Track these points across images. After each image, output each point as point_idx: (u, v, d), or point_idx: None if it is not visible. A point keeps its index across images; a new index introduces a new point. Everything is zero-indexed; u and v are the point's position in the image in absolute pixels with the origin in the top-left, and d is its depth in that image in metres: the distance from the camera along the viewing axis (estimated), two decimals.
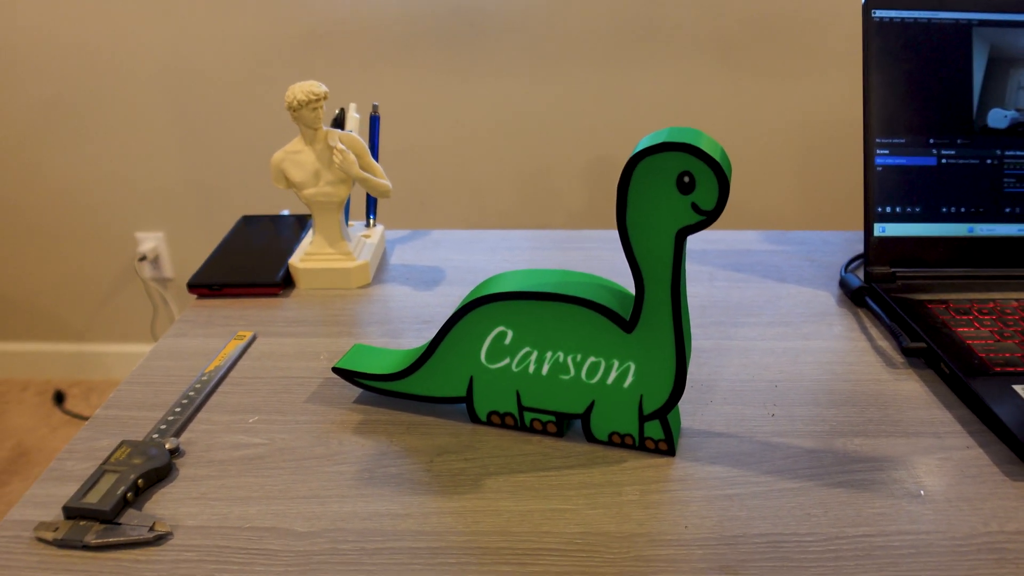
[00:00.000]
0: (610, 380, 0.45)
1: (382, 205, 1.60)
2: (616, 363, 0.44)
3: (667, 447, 0.46)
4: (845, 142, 1.51)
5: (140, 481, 0.43)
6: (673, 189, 0.39)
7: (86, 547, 0.40)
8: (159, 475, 0.44)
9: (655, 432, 0.45)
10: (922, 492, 0.44)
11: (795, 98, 1.47)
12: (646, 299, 0.42)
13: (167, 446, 0.46)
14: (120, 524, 0.40)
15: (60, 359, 1.90)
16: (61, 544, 0.40)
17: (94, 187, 1.68)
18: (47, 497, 0.43)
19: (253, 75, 1.53)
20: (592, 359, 0.44)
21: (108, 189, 1.68)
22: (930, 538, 0.40)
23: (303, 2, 1.45)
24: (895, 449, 0.47)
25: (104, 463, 0.44)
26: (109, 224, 1.72)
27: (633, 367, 0.44)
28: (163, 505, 0.42)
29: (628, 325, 0.43)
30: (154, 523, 0.40)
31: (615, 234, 0.79)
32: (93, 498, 0.41)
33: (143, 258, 1.72)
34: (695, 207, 0.39)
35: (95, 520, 0.41)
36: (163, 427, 0.48)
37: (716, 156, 0.38)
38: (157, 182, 1.66)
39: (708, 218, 0.39)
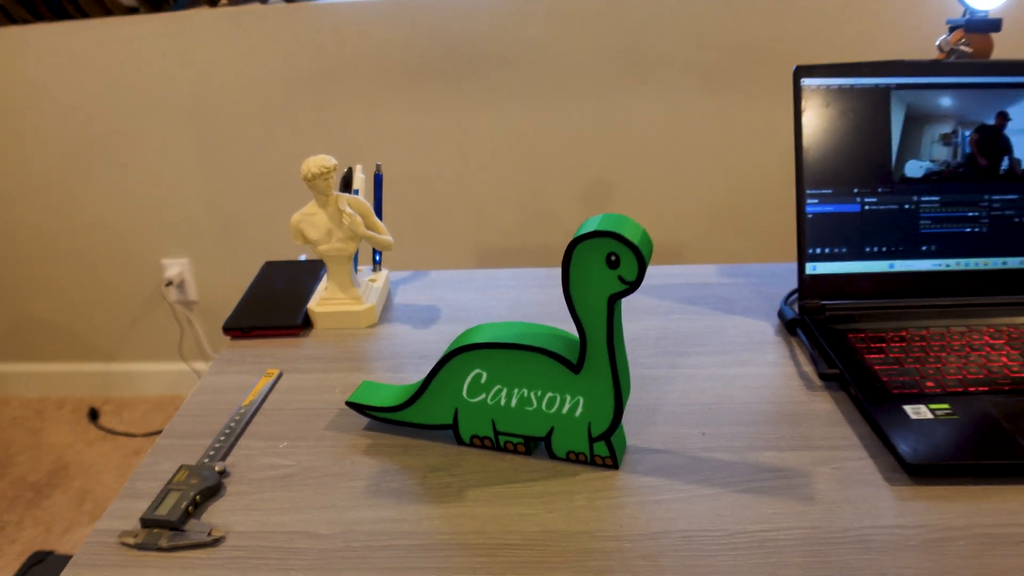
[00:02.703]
0: (564, 410, 0.56)
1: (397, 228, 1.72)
2: (568, 397, 0.56)
3: (612, 462, 0.57)
4: None
5: (197, 497, 0.55)
6: (604, 265, 0.50)
7: (160, 549, 0.52)
8: (212, 492, 0.56)
9: (602, 451, 0.57)
10: (814, 497, 0.55)
11: (776, 123, 1.58)
12: (588, 348, 0.53)
13: (216, 468, 0.58)
14: (185, 531, 0.52)
15: (94, 378, 2.02)
16: (140, 547, 0.52)
17: (124, 218, 1.80)
18: (125, 511, 0.55)
19: (268, 113, 1.65)
20: (550, 394, 0.56)
21: (136, 219, 1.81)
22: (813, 532, 0.52)
23: (314, 43, 1.58)
24: (798, 460, 0.58)
25: (168, 483, 0.56)
26: (138, 252, 1.85)
27: (582, 400, 0.55)
28: (216, 515, 0.54)
29: (576, 368, 0.54)
30: (211, 530, 0.52)
31: None
32: (163, 511, 0.53)
33: (169, 283, 1.85)
34: (621, 279, 0.50)
35: (165, 528, 0.53)
36: (212, 452, 0.60)
37: (636, 240, 0.49)
38: (181, 212, 1.79)
39: (631, 287, 0.50)
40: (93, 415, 1.96)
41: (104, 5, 1.59)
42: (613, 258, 0.50)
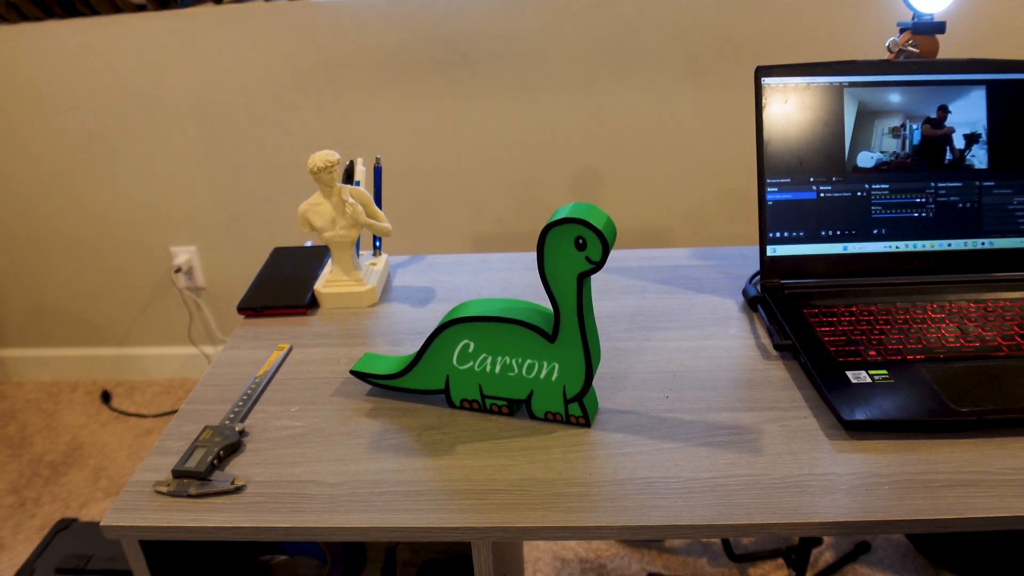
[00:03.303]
0: (542, 375, 0.64)
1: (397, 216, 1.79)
2: (545, 364, 0.63)
3: (585, 421, 0.65)
4: None
5: (221, 452, 0.63)
6: (572, 248, 0.58)
7: (189, 496, 0.60)
8: (233, 448, 0.64)
9: (576, 411, 0.65)
10: (761, 449, 0.63)
11: (751, 113, 1.65)
12: (561, 320, 0.61)
13: (237, 428, 0.65)
14: (211, 480, 0.60)
15: (105, 362, 2.10)
16: (173, 494, 0.60)
17: (133, 207, 1.88)
18: (157, 465, 0.63)
19: (271, 106, 1.72)
20: (529, 361, 0.64)
21: (146, 209, 1.88)
22: (757, 479, 0.59)
23: (315, 39, 1.65)
24: (750, 419, 0.66)
25: (195, 441, 0.64)
26: (147, 240, 1.92)
27: (557, 366, 0.63)
28: (238, 468, 0.62)
29: (551, 338, 0.62)
30: (234, 479, 0.60)
31: None
32: (192, 464, 0.61)
33: (178, 270, 1.92)
34: (588, 259, 0.58)
35: (194, 478, 0.60)
36: (232, 415, 0.68)
37: (600, 226, 0.57)
38: (189, 202, 1.86)
39: (597, 266, 0.58)
40: (106, 397, 2.04)
41: (114, 3, 1.65)
42: (581, 241, 0.57)
